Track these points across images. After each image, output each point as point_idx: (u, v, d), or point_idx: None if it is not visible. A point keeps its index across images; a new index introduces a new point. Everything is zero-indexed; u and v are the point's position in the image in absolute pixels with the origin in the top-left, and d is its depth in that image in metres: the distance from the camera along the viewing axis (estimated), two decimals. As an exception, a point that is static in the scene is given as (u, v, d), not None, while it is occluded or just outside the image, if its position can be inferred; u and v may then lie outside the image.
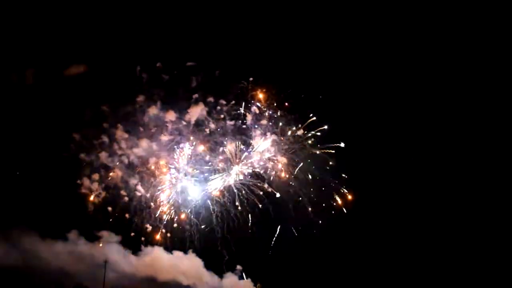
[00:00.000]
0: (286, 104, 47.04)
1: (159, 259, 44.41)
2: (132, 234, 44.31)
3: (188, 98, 44.92)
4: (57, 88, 41.70)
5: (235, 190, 46.65)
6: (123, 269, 42.89)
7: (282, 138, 47.19)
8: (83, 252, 42.04)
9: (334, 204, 47.84)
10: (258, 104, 46.57)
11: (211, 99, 45.52)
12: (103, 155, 43.55)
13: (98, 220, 43.37)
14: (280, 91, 46.79)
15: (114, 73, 42.62)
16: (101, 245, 42.99)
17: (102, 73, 42.53)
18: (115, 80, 42.76)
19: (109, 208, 43.72)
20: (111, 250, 42.93)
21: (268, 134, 46.82)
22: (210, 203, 46.20)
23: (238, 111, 46.17)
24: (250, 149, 46.98)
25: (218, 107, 45.80)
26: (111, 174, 43.89)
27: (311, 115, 47.16)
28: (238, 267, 46.66)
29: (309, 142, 47.50)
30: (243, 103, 46.32)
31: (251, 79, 46.10)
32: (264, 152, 47.06)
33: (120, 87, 43.08)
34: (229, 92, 45.90)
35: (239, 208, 46.61)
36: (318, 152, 47.51)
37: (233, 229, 46.47)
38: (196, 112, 45.14)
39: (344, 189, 47.72)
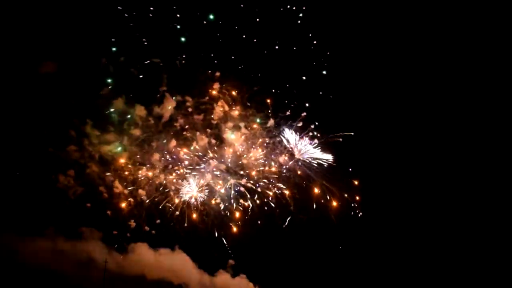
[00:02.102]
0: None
1: (146, 257, 43.12)
2: (115, 232, 43.22)
3: (155, 92, 45.16)
4: (22, 83, 41.29)
5: (216, 187, 46.26)
6: (109, 268, 41.28)
7: (253, 132, 47.30)
8: (65, 250, 40.65)
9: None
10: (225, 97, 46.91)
11: (177, 94, 45.81)
12: (74, 150, 42.92)
13: (76, 216, 42.05)
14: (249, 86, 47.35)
15: (78, 66, 42.85)
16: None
17: (67, 67, 42.69)
18: (79, 73, 42.94)
19: (88, 205, 42.48)
20: (94, 248, 41.60)
21: (240, 127, 46.94)
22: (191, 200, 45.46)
23: (206, 105, 46.43)
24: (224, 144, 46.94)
25: (186, 102, 45.95)
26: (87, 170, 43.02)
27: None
28: (231, 261, 45.82)
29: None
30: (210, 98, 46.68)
31: (217, 74, 46.68)
32: (237, 147, 46.93)
33: (85, 80, 43.18)
34: (195, 86, 46.27)
35: (221, 205, 46.13)
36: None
37: (218, 225, 45.85)
38: (166, 106, 45.17)
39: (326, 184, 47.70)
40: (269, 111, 47.36)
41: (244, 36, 46.92)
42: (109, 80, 43.52)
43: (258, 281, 46.02)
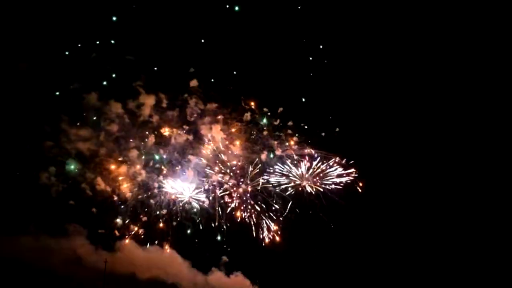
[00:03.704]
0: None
1: (135, 255, 41.76)
2: (102, 230, 42.02)
3: (130, 88, 44.22)
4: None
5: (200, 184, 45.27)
6: (97, 266, 39.66)
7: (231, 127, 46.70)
8: (51, 248, 39.19)
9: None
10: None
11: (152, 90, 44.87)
12: (51, 147, 41.56)
13: (60, 214, 40.65)
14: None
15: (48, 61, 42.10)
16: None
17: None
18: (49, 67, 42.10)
19: (71, 202, 41.24)
20: (79, 245, 40.10)
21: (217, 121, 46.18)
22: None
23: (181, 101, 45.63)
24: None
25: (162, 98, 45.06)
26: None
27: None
28: (224, 258, 44.45)
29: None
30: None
31: (191, 70, 46.08)
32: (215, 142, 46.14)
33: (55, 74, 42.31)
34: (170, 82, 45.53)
35: (206, 203, 44.99)
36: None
37: (204, 223, 44.72)
38: (141, 102, 44.25)
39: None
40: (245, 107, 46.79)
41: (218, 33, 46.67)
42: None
43: (255, 278, 44.76)
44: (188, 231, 43.83)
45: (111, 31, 44.02)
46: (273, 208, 46.03)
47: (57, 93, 41.92)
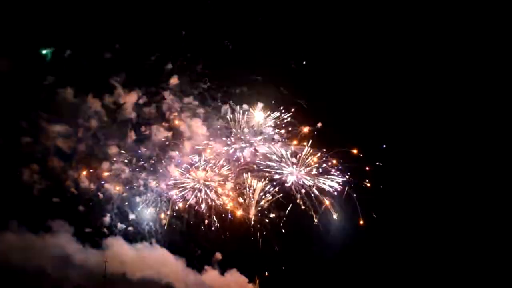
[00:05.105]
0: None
1: (125, 254, 40.27)
2: (89, 227, 40.68)
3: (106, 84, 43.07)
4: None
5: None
6: (86, 265, 38.36)
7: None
8: (35, 245, 37.55)
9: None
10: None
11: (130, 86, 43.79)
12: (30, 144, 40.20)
13: (44, 211, 39.34)
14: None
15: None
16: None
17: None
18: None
19: (55, 200, 40.01)
20: (66, 243, 38.49)
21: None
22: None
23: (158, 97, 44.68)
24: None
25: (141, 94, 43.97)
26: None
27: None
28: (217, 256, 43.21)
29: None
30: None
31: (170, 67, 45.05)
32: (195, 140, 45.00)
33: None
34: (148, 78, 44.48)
35: (193, 200, 43.74)
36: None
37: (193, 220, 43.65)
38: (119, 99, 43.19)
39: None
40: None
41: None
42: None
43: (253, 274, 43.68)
44: (178, 229, 42.79)
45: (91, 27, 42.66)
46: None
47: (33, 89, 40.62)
